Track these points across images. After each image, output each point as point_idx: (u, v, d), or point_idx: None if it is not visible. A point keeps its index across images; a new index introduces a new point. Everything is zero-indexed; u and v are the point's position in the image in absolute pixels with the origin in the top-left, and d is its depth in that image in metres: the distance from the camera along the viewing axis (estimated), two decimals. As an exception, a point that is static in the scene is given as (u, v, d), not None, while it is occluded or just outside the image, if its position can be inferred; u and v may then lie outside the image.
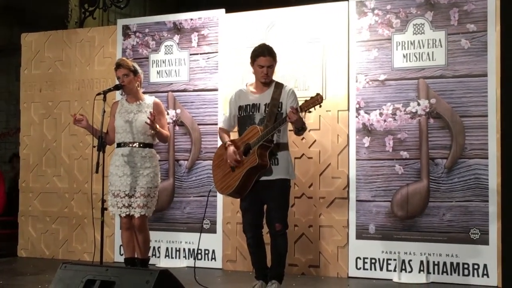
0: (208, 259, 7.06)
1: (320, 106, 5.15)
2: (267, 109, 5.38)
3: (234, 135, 5.66)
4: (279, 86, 5.46)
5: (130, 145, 5.73)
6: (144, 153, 5.73)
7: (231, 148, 5.40)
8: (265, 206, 5.46)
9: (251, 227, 5.47)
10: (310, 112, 5.21)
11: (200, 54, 7.28)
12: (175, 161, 7.30)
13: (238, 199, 5.66)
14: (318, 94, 5.12)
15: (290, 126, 5.47)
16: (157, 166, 5.82)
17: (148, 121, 5.58)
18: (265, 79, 5.45)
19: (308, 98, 5.18)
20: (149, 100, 5.87)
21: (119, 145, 5.79)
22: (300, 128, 5.32)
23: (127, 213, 5.69)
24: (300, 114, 5.14)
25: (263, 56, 5.42)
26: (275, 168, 5.35)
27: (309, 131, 6.37)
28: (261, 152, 5.25)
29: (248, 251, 5.71)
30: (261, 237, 5.52)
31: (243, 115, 5.49)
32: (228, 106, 5.68)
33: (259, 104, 5.43)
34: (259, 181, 5.35)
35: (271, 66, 5.44)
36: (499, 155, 5.88)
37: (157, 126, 5.64)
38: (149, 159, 5.74)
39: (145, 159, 5.72)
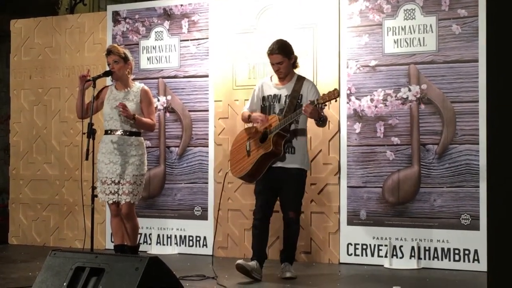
0: (199, 246, 7.05)
1: (336, 101, 5.47)
2: (287, 100, 5.59)
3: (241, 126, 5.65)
4: (301, 79, 5.71)
5: (118, 132, 5.71)
6: (130, 141, 5.70)
7: (256, 113, 5.65)
8: (277, 194, 5.65)
9: (261, 209, 5.63)
10: (325, 105, 5.47)
11: (191, 40, 7.24)
12: (166, 148, 7.27)
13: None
14: (335, 89, 5.38)
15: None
16: (144, 154, 5.78)
17: (122, 111, 5.62)
18: (278, 75, 5.68)
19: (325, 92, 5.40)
20: (136, 87, 5.83)
21: (106, 132, 5.77)
22: (319, 120, 5.49)
23: (114, 199, 5.68)
24: (317, 107, 5.36)
25: (271, 55, 5.67)
26: (291, 157, 5.56)
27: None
28: (276, 140, 5.49)
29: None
30: (268, 225, 5.69)
31: (265, 105, 5.72)
32: (250, 97, 5.89)
33: (280, 95, 5.67)
34: (274, 168, 5.55)
35: (281, 63, 5.63)
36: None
37: (135, 115, 5.63)
38: (135, 147, 5.71)
39: (131, 147, 5.69)
